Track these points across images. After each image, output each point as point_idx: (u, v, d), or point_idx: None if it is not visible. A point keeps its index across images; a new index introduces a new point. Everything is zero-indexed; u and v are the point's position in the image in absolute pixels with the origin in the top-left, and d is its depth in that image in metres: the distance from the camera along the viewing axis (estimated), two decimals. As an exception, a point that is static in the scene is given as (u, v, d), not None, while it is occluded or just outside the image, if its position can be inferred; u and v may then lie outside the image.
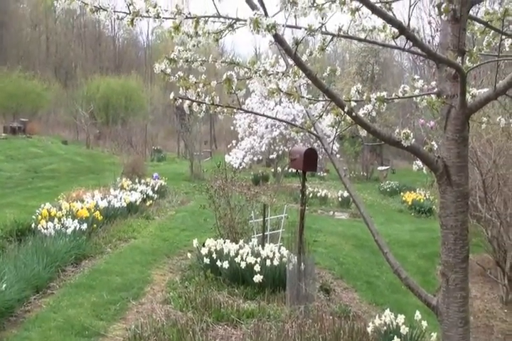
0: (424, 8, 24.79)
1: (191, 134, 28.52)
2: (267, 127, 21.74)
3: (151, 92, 52.83)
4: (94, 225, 11.11)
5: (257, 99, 22.29)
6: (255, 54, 59.29)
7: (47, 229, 9.79)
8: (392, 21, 2.25)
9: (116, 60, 66.43)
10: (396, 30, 2.52)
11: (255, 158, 22.69)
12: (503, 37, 3.16)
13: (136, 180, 18.17)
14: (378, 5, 2.61)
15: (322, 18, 2.57)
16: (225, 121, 37.71)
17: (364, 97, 2.97)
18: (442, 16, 2.94)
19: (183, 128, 30.01)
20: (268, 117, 13.79)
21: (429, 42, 12.22)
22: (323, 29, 2.64)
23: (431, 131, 8.87)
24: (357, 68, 35.12)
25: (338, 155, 23.48)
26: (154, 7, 2.62)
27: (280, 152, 22.70)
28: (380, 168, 34.39)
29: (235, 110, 3.27)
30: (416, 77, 3.62)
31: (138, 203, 14.72)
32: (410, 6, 2.29)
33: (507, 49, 3.23)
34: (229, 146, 24.36)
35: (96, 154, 34.96)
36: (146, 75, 61.15)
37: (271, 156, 23.42)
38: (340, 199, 20.75)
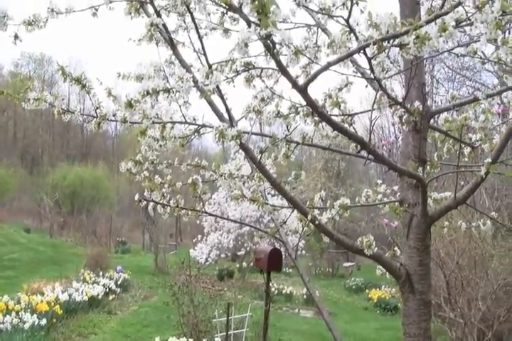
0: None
1: (156, 227, 28.26)
2: (235, 222, 21.70)
3: (117, 182, 52.81)
4: (54, 320, 10.73)
5: (224, 193, 22.38)
6: (223, 148, 60.06)
7: (3, 323, 9.39)
8: (353, 137, 2.31)
9: (84, 148, 66.64)
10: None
11: (222, 254, 22.47)
12: (462, 145, 3.27)
13: (100, 273, 17.70)
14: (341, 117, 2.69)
15: (287, 127, 2.63)
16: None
17: (327, 205, 3.00)
18: (404, 127, 3.04)
19: (149, 221, 29.76)
20: (232, 221, 13.82)
21: (393, 143, 12.64)
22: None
23: (395, 230, 8.95)
24: (323, 164, 35.77)
25: (303, 252, 23.56)
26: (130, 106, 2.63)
27: (248, 248, 22.52)
28: (345, 264, 34.22)
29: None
30: (379, 181, 3.69)
31: (100, 297, 14.35)
32: (371, 121, 2.36)
33: (466, 159, 3.34)
34: (194, 240, 24.14)
35: (59, 244, 34.22)
36: (114, 165, 61.31)
37: (238, 253, 23.20)
38: (305, 296, 20.44)
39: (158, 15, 2.72)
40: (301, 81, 2.92)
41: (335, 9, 2.66)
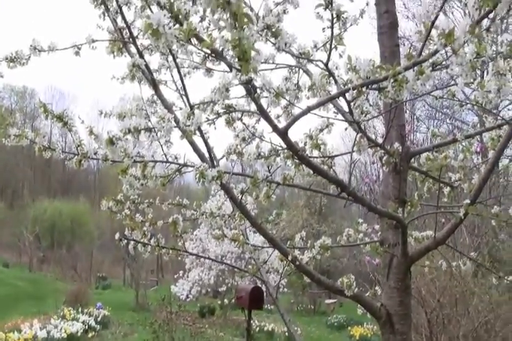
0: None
1: (137, 262, 27.95)
2: (216, 258, 21.52)
3: (99, 217, 52.36)
4: (31, 358, 10.49)
5: (206, 230, 22.26)
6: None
7: (-23, 362, 9.19)
8: (333, 180, 2.32)
9: (66, 182, 66.15)
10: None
11: (203, 291, 22.24)
12: (441, 185, 3.30)
13: (79, 309, 17.40)
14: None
15: (268, 168, 2.64)
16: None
17: (309, 242, 3.01)
18: (384, 168, 3.06)
19: (130, 257, 29.43)
20: (213, 260, 13.76)
21: (376, 180, 12.72)
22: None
23: (376, 268, 8.95)
24: (305, 201, 35.76)
25: (285, 289, 23.38)
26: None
27: (229, 284, 22.32)
28: (327, 301, 33.96)
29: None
30: (360, 220, 3.70)
31: (79, 334, 14.08)
32: (351, 164, 2.38)
33: (445, 199, 3.37)
34: (176, 276, 23.89)
35: (39, 279, 33.67)
36: (95, 199, 60.83)
37: (220, 289, 22.97)
38: (287, 333, 20.18)
39: (141, 55, 2.75)
40: (282, 121, 2.97)
41: (316, 50, 2.71)
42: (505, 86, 1.93)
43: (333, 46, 2.18)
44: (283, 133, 2.05)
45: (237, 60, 1.38)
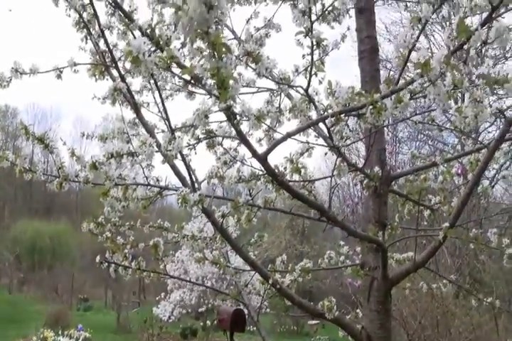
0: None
1: (119, 284, 27.72)
2: (197, 279, 21.39)
3: (80, 237, 51.85)
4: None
5: (188, 251, 22.12)
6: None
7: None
8: (313, 205, 2.34)
9: (47, 202, 65.48)
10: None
11: (184, 311, 22.03)
12: (421, 208, 3.34)
13: (60, 332, 17.14)
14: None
15: (249, 191, 2.65)
16: (155, 270, 36.82)
17: (289, 268, 3.01)
18: (364, 191, 3.09)
19: (111, 278, 29.13)
20: (194, 283, 13.68)
21: (357, 203, 12.79)
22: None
23: (358, 290, 8.96)
24: (288, 222, 35.69)
25: (268, 309, 23.24)
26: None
27: (210, 305, 22.15)
28: (310, 322, 33.78)
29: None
30: (341, 243, 3.72)
31: (60, 358, 13.84)
32: (331, 189, 2.40)
33: (425, 222, 3.40)
34: (158, 298, 23.68)
35: (19, 301, 33.13)
36: (77, 219, 60.22)
37: (200, 309, 22.78)
38: (269, 355, 20.04)
39: (123, 79, 2.76)
40: (264, 144, 3.00)
41: (297, 74, 2.73)
42: (482, 112, 1.96)
43: (313, 72, 2.21)
44: (262, 159, 2.07)
45: (216, 87, 1.40)
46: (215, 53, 1.32)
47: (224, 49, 1.33)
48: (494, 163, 3.25)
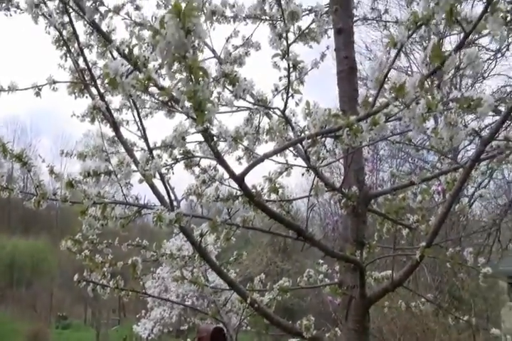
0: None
1: (99, 302, 27.44)
2: (178, 297, 21.21)
3: (60, 254, 51.32)
4: None
5: (168, 269, 21.93)
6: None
7: None
8: (290, 226, 2.35)
9: (26, 218, 64.72)
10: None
11: (165, 330, 21.82)
12: (400, 226, 3.36)
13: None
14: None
15: (228, 210, 2.66)
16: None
17: (268, 287, 3.01)
18: (342, 210, 3.10)
19: (90, 296, 28.84)
20: (173, 302, 13.58)
21: (337, 221, 12.81)
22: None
23: (338, 307, 8.95)
24: (269, 239, 35.59)
25: (248, 327, 23.10)
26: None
27: (191, 324, 21.95)
28: (291, 340, 33.59)
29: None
30: (320, 261, 3.73)
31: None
32: (308, 209, 2.42)
33: (403, 241, 3.42)
34: (138, 316, 23.44)
35: (-4, 319, 32.71)
36: (57, 236, 59.49)
37: (182, 328, 22.57)
38: (249, 374, 19.90)
39: (102, 97, 2.76)
40: (243, 163, 3.01)
41: (276, 94, 2.75)
42: (457, 134, 1.99)
43: (289, 94, 2.23)
44: (239, 180, 2.08)
45: (193, 110, 1.41)
46: (192, 77, 1.34)
47: (201, 73, 1.35)
48: (472, 182, 3.29)
